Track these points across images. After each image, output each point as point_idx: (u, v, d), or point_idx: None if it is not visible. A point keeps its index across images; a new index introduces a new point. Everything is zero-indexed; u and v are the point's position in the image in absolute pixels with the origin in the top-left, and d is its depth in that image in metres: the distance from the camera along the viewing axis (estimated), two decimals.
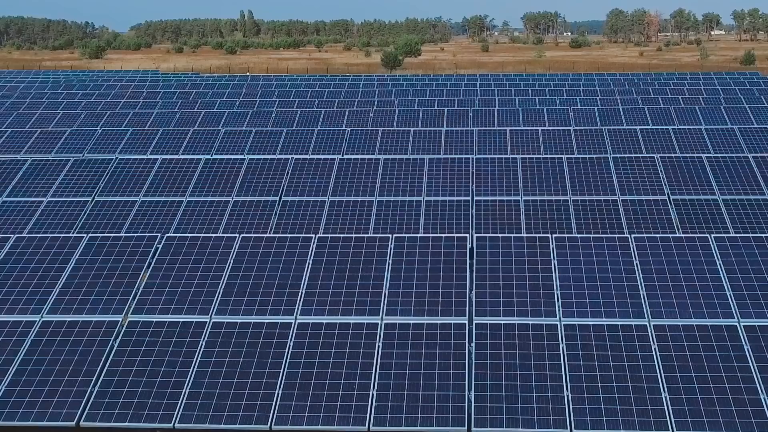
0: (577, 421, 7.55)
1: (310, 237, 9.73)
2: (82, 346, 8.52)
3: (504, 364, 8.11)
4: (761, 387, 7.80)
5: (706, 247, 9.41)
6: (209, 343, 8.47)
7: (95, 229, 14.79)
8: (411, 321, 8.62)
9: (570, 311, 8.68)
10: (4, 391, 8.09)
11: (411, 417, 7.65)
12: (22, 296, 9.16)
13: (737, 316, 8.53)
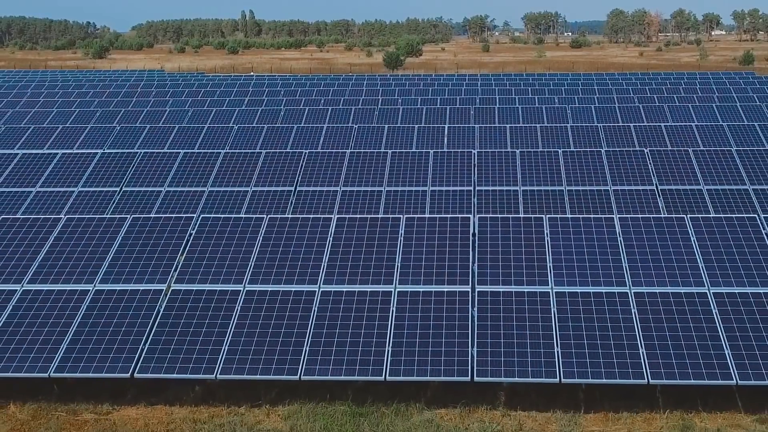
0: (565, 371, 8.74)
1: (329, 218, 10.93)
2: (131, 310, 9.71)
3: (502, 325, 9.30)
4: (726, 343, 8.97)
5: (682, 226, 10.59)
6: (244, 308, 9.66)
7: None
8: (421, 289, 9.81)
9: (561, 281, 9.87)
10: (66, 348, 9.27)
11: (422, 368, 8.83)
12: (76, 268, 10.35)
13: (707, 285, 9.72)
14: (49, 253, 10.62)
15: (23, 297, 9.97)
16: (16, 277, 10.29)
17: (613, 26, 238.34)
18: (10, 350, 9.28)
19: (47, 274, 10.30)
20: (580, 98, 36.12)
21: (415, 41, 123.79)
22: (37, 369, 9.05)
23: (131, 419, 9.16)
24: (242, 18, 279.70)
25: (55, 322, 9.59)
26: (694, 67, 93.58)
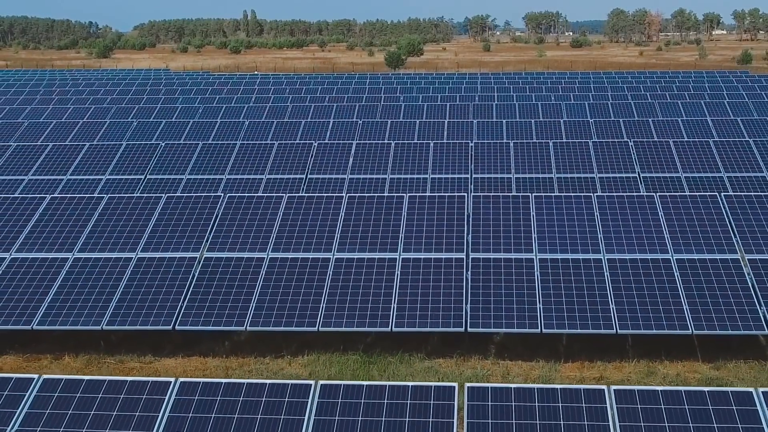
0: (546, 323, 10.19)
1: (341, 196, 12.38)
2: (170, 274, 11.17)
3: (492, 286, 10.75)
4: (684, 300, 10.42)
5: (651, 203, 12.05)
6: (268, 272, 11.12)
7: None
8: (422, 256, 11.27)
9: (543, 249, 11.32)
10: (115, 306, 10.73)
11: (423, 321, 10.29)
12: (120, 239, 11.80)
13: (671, 252, 11.17)
14: (94, 227, 12.08)
15: (75, 263, 11.43)
16: (67, 247, 11.75)
17: (613, 26, 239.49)
18: (66, 308, 10.73)
19: (94, 245, 11.76)
20: (576, 95, 37.52)
21: (417, 41, 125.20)
22: (91, 323, 10.51)
23: (171, 367, 10.61)
24: (244, 18, 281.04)
25: (104, 284, 11.05)
26: (692, 66, 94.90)
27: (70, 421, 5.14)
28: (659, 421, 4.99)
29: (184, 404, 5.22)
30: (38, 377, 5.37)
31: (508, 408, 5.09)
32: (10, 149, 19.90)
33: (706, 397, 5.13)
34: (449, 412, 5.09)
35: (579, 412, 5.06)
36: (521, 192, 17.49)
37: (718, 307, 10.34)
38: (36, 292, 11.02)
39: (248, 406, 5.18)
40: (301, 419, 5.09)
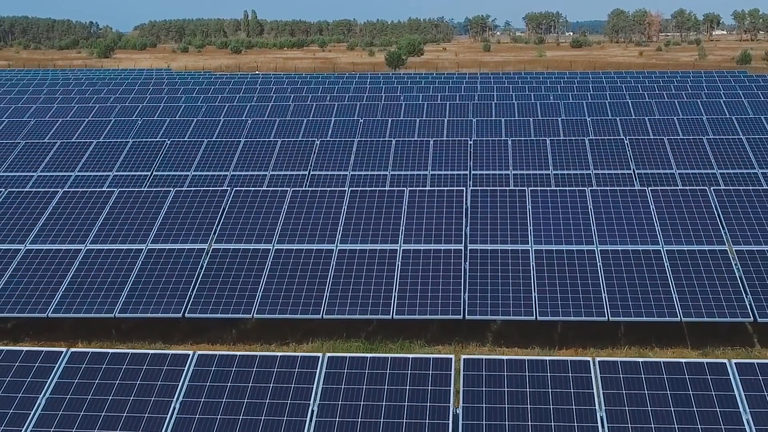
0: (540, 311, 10.63)
1: (344, 190, 12.82)
2: (179, 265, 11.60)
3: (489, 276, 11.19)
4: (673, 289, 10.85)
5: (643, 197, 12.48)
6: (273, 263, 11.55)
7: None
8: (422, 247, 11.70)
9: (539, 240, 11.76)
10: (126, 295, 11.16)
11: (422, 309, 10.72)
12: (131, 231, 12.24)
13: (662, 243, 11.61)
14: (106, 219, 12.51)
15: (87, 254, 11.87)
16: (80, 238, 12.18)
17: (614, 26, 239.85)
18: (80, 297, 11.16)
19: (106, 237, 12.20)
20: (575, 95, 37.94)
21: (417, 41, 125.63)
22: (104, 311, 10.94)
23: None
24: (244, 18, 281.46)
25: (116, 275, 11.48)
26: (691, 66, 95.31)
27: (97, 389, 5.58)
28: (639, 389, 5.43)
29: (202, 374, 5.66)
30: (66, 350, 5.81)
31: (500, 377, 5.53)
32: (19, 147, 20.34)
33: (683, 368, 5.57)
34: (446, 380, 5.52)
35: (566, 381, 5.49)
36: (518, 187, 17.92)
37: (706, 296, 10.78)
38: (50, 281, 11.46)
39: (261, 376, 5.62)
40: (310, 387, 5.53)
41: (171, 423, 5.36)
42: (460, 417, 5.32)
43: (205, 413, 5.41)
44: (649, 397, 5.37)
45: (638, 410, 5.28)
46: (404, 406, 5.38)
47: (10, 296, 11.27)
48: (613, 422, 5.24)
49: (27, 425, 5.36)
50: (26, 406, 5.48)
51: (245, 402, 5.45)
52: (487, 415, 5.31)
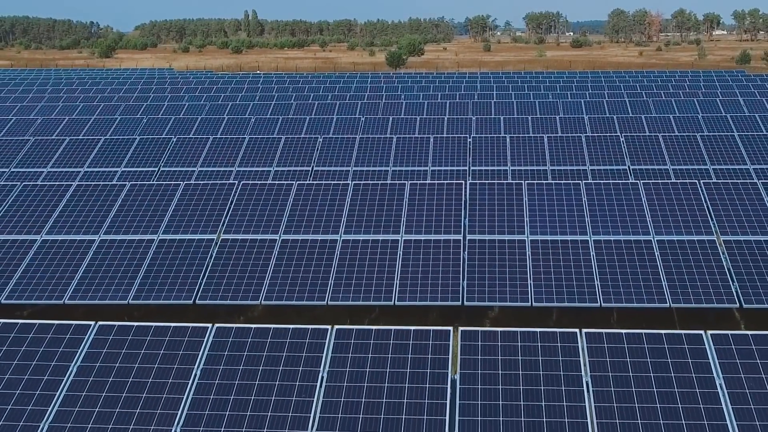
0: (536, 297, 11.12)
1: (347, 183, 13.31)
2: (189, 254, 12.10)
3: (487, 264, 11.68)
4: (663, 277, 11.34)
5: (636, 190, 12.98)
6: (280, 252, 12.05)
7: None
8: (422, 237, 12.20)
9: (534, 231, 12.25)
10: (139, 283, 11.66)
11: (423, 295, 11.21)
12: (142, 223, 12.74)
13: (652, 234, 12.10)
14: (118, 211, 13.01)
15: (101, 244, 12.36)
16: (94, 229, 12.68)
17: (614, 26, 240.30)
18: (95, 285, 11.65)
19: (119, 228, 12.69)
20: (573, 93, 38.42)
21: (417, 41, 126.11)
22: (118, 298, 11.43)
23: None
24: (245, 18, 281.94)
25: (129, 264, 11.98)
26: (691, 66, 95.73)
27: (124, 358, 6.07)
28: (622, 357, 5.92)
29: (220, 345, 6.15)
30: (95, 323, 6.30)
31: (494, 347, 6.02)
32: (29, 143, 20.83)
33: (663, 338, 6.05)
34: (445, 350, 6.01)
35: (555, 350, 5.98)
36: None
37: (695, 284, 11.27)
38: (66, 270, 11.95)
39: (275, 346, 6.11)
40: (320, 356, 6.02)
41: (193, 387, 5.85)
42: (457, 382, 5.81)
43: (224, 379, 5.90)
44: (630, 364, 5.85)
45: (620, 375, 5.77)
46: (406, 372, 5.87)
47: (27, 284, 11.77)
48: (597, 386, 5.73)
49: (60, 390, 5.85)
50: (59, 373, 5.97)
51: (260, 369, 5.94)
52: (483, 380, 5.80)
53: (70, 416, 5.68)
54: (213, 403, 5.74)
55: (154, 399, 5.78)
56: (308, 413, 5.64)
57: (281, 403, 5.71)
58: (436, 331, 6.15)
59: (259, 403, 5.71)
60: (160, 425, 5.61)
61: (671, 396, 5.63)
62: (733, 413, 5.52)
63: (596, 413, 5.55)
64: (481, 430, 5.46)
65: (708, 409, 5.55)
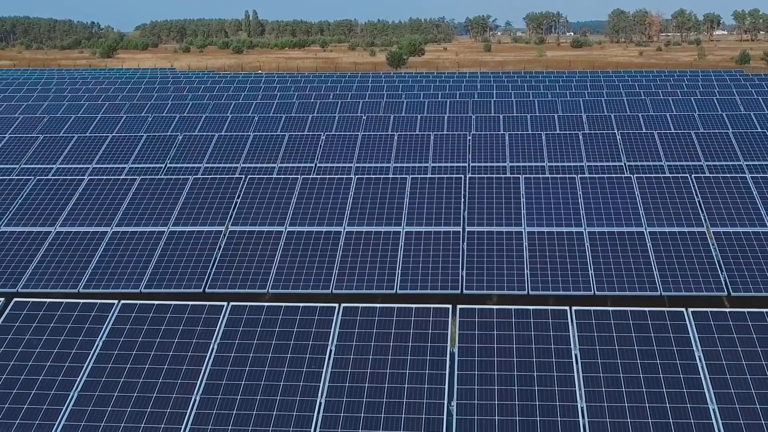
0: (532, 286, 11.57)
1: (351, 177, 13.77)
2: (199, 245, 12.56)
3: (485, 255, 12.14)
4: (655, 266, 11.80)
5: (629, 184, 13.43)
6: (286, 243, 12.51)
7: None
8: (423, 229, 12.66)
9: (531, 223, 12.71)
10: (151, 272, 12.12)
11: (424, 284, 11.67)
12: (153, 215, 13.20)
13: (645, 226, 12.56)
14: (129, 204, 13.47)
15: (114, 236, 12.82)
16: (106, 221, 13.14)
17: (614, 26, 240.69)
18: (108, 274, 12.12)
19: (130, 220, 13.15)
20: (572, 93, 38.87)
21: (418, 41, 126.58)
22: (130, 286, 11.90)
23: None
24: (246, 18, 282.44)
25: (141, 254, 12.44)
26: (693, 66, 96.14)
27: (146, 333, 6.53)
28: (609, 332, 6.37)
29: (235, 321, 6.61)
30: (118, 302, 6.76)
31: (490, 323, 6.47)
32: (38, 140, 21.30)
33: (647, 315, 6.51)
34: (444, 325, 6.47)
35: (546, 326, 6.44)
36: None
37: (685, 273, 11.72)
38: (80, 260, 12.41)
39: (286, 322, 6.57)
40: (328, 331, 6.48)
41: (211, 360, 6.31)
42: (456, 355, 6.27)
43: (240, 352, 6.36)
44: (616, 338, 6.31)
45: (607, 348, 6.23)
46: (409, 346, 6.33)
47: (42, 274, 12.23)
48: (585, 358, 6.19)
49: (87, 362, 6.31)
50: (86, 347, 6.43)
51: (273, 343, 6.40)
52: (479, 353, 6.25)
53: (98, 385, 6.14)
54: (230, 373, 6.20)
55: (175, 370, 6.23)
56: (318, 382, 6.10)
57: (293, 373, 6.17)
58: (437, 309, 6.61)
59: (273, 373, 6.17)
60: (182, 393, 6.07)
61: (653, 367, 6.09)
62: (710, 382, 5.98)
63: (584, 382, 6.01)
64: (477, 397, 5.92)
65: (687, 378, 6.00)
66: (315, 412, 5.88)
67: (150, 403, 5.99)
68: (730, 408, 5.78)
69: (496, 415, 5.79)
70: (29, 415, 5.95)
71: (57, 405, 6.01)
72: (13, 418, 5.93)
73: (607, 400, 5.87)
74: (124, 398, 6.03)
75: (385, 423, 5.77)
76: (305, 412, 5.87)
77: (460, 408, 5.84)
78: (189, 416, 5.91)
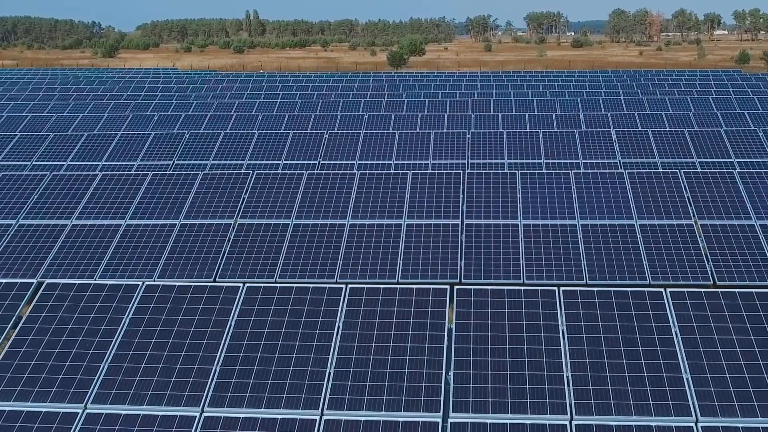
0: (527, 276, 12.16)
1: (354, 173, 14.35)
2: (209, 237, 13.14)
3: (483, 247, 12.72)
4: (644, 257, 12.38)
5: (621, 179, 14.02)
6: (292, 236, 13.09)
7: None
8: (423, 222, 13.24)
9: (527, 216, 13.29)
10: (163, 264, 12.70)
11: (424, 275, 12.25)
12: (164, 209, 13.78)
13: (635, 218, 13.14)
14: (142, 199, 14.06)
15: (127, 229, 13.41)
16: (120, 215, 13.73)
17: (614, 26, 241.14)
18: (123, 265, 12.70)
19: (142, 214, 13.74)
20: (571, 92, 39.45)
21: (418, 41, 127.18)
22: (144, 277, 12.48)
23: None
24: (246, 18, 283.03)
25: (153, 246, 13.03)
26: (691, 66, 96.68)
27: (169, 312, 7.12)
28: (593, 310, 6.96)
29: (250, 301, 7.20)
30: (142, 283, 7.34)
31: (485, 302, 7.06)
32: (48, 138, 21.89)
33: (629, 295, 7.09)
34: (443, 304, 7.06)
35: (536, 304, 7.02)
36: None
37: (673, 263, 12.30)
38: (96, 252, 13.00)
39: (298, 302, 7.15)
40: (336, 309, 7.06)
41: (229, 335, 6.89)
42: (453, 330, 6.85)
43: (255, 328, 6.95)
44: (600, 316, 6.90)
45: (591, 324, 6.82)
46: (410, 322, 6.91)
47: (60, 265, 12.82)
48: (571, 333, 6.77)
49: (116, 337, 6.90)
50: (114, 324, 7.02)
51: (286, 320, 6.99)
52: (475, 329, 6.84)
53: (126, 358, 6.73)
54: (246, 347, 6.78)
55: (197, 344, 6.82)
56: (327, 354, 6.68)
57: (304, 346, 6.75)
58: (436, 289, 7.20)
59: (286, 346, 6.76)
60: (203, 364, 6.65)
61: (633, 341, 6.67)
62: (685, 354, 6.56)
63: (569, 354, 6.60)
64: (472, 367, 6.51)
65: (663, 351, 6.59)
66: (325, 380, 6.46)
67: (174, 374, 6.58)
68: (702, 377, 6.36)
69: (489, 383, 6.38)
70: (64, 384, 6.53)
71: (89, 375, 6.59)
72: (50, 386, 6.51)
73: (591, 370, 6.45)
74: (150, 369, 6.62)
75: (389, 390, 6.36)
76: (316, 381, 6.45)
77: (456, 377, 6.43)
78: (210, 384, 6.50)
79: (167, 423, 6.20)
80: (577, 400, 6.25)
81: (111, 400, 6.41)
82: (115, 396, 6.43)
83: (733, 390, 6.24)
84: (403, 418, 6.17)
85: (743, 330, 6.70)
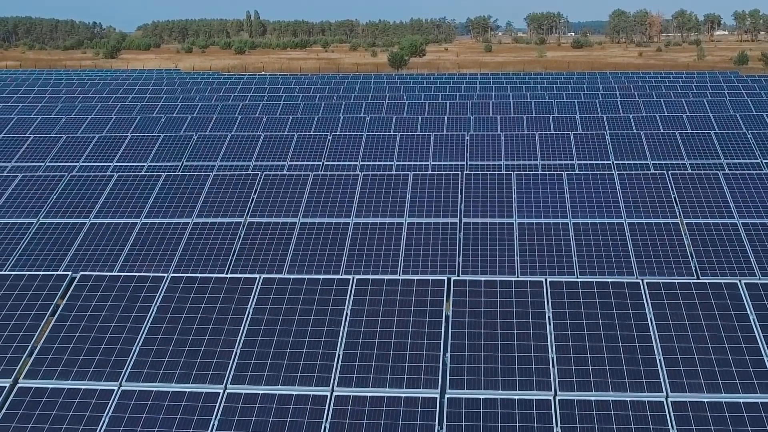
0: (521, 271, 12.90)
1: (357, 174, 15.10)
2: (221, 234, 13.88)
3: (479, 244, 13.46)
4: (632, 254, 13.12)
5: (611, 179, 14.76)
6: (300, 233, 13.84)
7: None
8: (423, 220, 13.98)
9: (522, 215, 14.04)
10: (178, 258, 13.45)
11: (424, 269, 13.00)
12: (178, 208, 14.53)
13: (624, 217, 13.88)
14: (156, 198, 14.80)
15: (143, 227, 14.15)
16: (135, 214, 14.47)
17: (615, 26, 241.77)
18: (140, 260, 13.45)
19: (157, 213, 14.49)
20: (568, 94, 40.18)
21: (419, 41, 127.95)
22: (160, 271, 13.22)
23: None
24: (247, 18, 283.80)
25: (168, 243, 13.77)
26: (689, 67, 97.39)
27: (192, 300, 7.86)
28: (577, 299, 7.70)
29: (266, 291, 7.94)
30: (167, 275, 8.08)
31: (479, 291, 7.80)
32: (61, 140, 22.63)
33: (609, 285, 7.83)
34: (441, 293, 7.80)
35: (525, 294, 7.76)
36: None
37: (659, 260, 13.04)
38: (114, 248, 13.74)
39: (309, 291, 7.89)
40: (344, 298, 7.81)
41: (248, 321, 7.64)
42: (450, 317, 7.60)
43: (271, 315, 7.69)
44: (583, 304, 7.64)
45: (574, 311, 7.55)
46: (411, 310, 7.65)
47: (80, 260, 13.55)
48: (557, 319, 7.51)
49: (145, 323, 7.64)
50: (143, 311, 7.76)
51: (299, 308, 7.73)
52: (469, 315, 7.58)
53: (155, 341, 7.47)
54: (263, 332, 7.53)
55: (218, 329, 7.56)
56: (336, 338, 7.43)
57: (316, 331, 7.50)
58: (435, 281, 7.94)
59: (299, 332, 7.50)
60: (225, 347, 7.40)
61: (612, 326, 7.41)
62: (658, 338, 7.30)
63: (555, 338, 7.34)
64: (467, 350, 7.25)
65: (639, 335, 7.33)
66: (335, 361, 7.21)
67: (199, 355, 7.32)
68: (672, 357, 7.10)
69: (482, 364, 7.12)
70: (101, 364, 7.27)
71: (123, 357, 7.34)
72: (88, 366, 7.25)
73: (573, 352, 7.20)
74: (177, 351, 7.36)
75: (392, 370, 7.10)
76: (327, 362, 7.20)
77: (452, 358, 7.17)
78: (232, 365, 7.24)
79: (194, 398, 6.94)
80: (561, 378, 6.99)
81: (143, 378, 7.15)
82: (147, 375, 7.17)
83: (701, 370, 6.98)
84: (405, 394, 6.91)
85: (712, 316, 7.44)
